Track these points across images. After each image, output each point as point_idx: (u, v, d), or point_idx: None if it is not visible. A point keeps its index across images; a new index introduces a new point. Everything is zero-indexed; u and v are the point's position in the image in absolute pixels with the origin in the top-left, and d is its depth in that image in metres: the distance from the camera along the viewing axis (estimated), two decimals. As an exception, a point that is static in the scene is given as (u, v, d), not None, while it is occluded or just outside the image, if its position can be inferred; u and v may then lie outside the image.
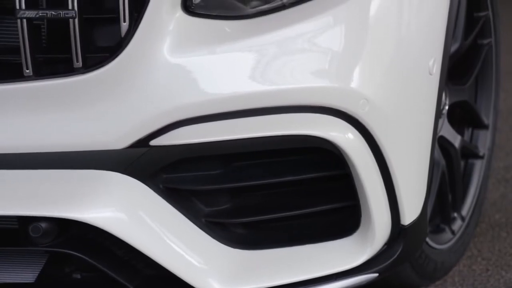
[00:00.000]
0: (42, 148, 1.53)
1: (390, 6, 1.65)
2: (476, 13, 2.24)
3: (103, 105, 1.53)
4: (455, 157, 2.16)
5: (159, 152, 1.56)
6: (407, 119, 1.70)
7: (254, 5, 1.59)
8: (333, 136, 1.59)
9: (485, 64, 2.31)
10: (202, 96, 1.54)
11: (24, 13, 1.48)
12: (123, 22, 1.51)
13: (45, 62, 1.53)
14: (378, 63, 1.63)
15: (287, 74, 1.57)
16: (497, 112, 2.39)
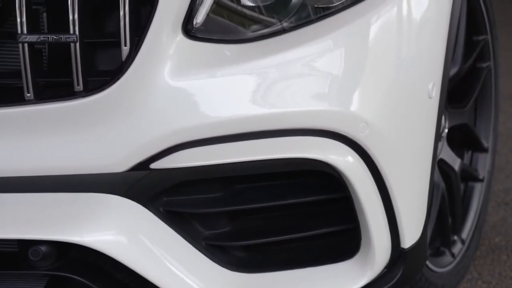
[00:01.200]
0: (42, 171, 1.53)
1: (389, 30, 1.66)
2: (475, 37, 2.25)
3: (104, 128, 1.53)
4: (455, 180, 2.16)
5: (159, 175, 1.56)
6: (406, 142, 1.70)
7: (255, 29, 1.60)
8: (333, 159, 1.59)
9: (484, 87, 2.32)
10: (203, 119, 1.54)
11: (25, 37, 1.48)
12: (124, 46, 1.51)
13: (46, 85, 1.54)
14: (378, 86, 1.63)
15: (287, 97, 1.57)
16: (496, 135, 2.40)
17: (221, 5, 1.57)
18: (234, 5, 1.58)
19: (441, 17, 1.78)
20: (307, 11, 1.61)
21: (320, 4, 1.62)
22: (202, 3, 1.55)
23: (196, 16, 1.56)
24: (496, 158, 2.44)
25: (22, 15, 1.48)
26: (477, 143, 2.34)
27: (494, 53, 2.32)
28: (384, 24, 1.66)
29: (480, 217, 2.29)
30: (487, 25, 2.27)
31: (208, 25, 1.57)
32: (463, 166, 2.23)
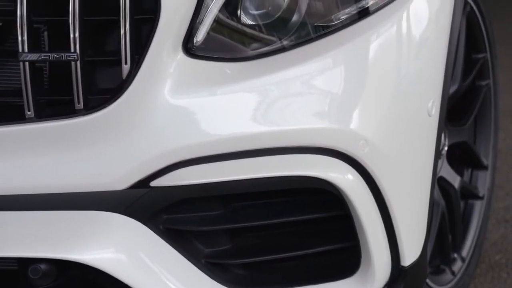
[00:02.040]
0: (42, 189, 1.53)
1: (389, 48, 1.67)
2: (474, 55, 2.26)
3: (104, 146, 1.53)
4: (454, 198, 2.16)
5: (159, 193, 1.56)
6: (406, 160, 1.70)
7: (255, 47, 1.60)
8: (332, 177, 1.60)
9: (484, 105, 2.33)
10: (203, 137, 1.55)
11: (26, 56, 1.49)
12: (125, 64, 1.52)
13: (47, 103, 1.54)
14: (377, 104, 1.64)
15: (287, 115, 1.57)
16: (496, 152, 2.40)
17: (222, 23, 1.58)
18: (234, 23, 1.59)
19: (441, 35, 1.78)
20: (307, 30, 1.62)
21: (320, 22, 1.63)
22: (202, 21, 1.56)
23: (197, 35, 1.56)
24: (496, 176, 2.44)
25: (23, 34, 1.48)
26: (477, 160, 2.34)
27: (494, 71, 2.32)
28: (383, 43, 1.66)
29: (480, 235, 2.29)
30: (487, 43, 2.27)
31: (208, 43, 1.57)
32: (463, 183, 2.23)
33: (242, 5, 1.59)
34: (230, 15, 1.58)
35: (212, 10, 1.56)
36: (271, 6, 1.60)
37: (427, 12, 1.75)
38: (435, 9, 1.77)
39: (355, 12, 1.65)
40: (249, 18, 1.60)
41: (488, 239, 2.51)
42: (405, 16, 1.70)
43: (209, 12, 1.56)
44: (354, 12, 1.65)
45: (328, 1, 1.63)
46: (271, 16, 1.61)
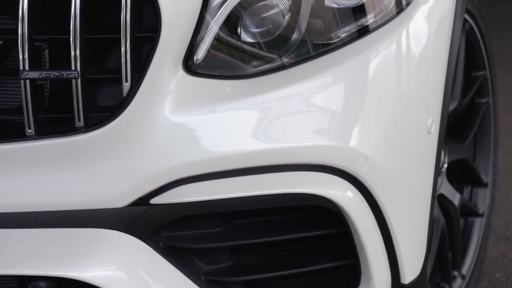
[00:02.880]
0: (42, 207, 1.53)
1: (388, 66, 1.67)
2: (473, 73, 2.27)
3: (104, 163, 1.53)
4: (454, 215, 2.16)
5: (159, 210, 1.56)
6: (406, 177, 1.71)
7: (255, 65, 1.61)
8: (332, 194, 1.60)
9: (484, 123, 2.33)
10: (203, 155, 1.55)
11: (27, 74, 1.49)
12: (125, 82, 1.52)
13: (47, 121, 1.54)
14: (377, 122, 1.64)
15: (287, 132, 1.58)
16: (496, 169, 2.41)
17: (222, 41, 1.58)
18: (235, 41, 1.59)
19: (440, 53, 1.79)
20: (307, 48, 1.62)
21: (320, 40, 1.63)
22: (203, 39, 1.56)
23: (197, 52, 1.57)
24: (495, 193, 2.44)
25: (24, 52, 1.48)
26: (477, 178, 2.34)
27: (493, 88, 2.33)
28: (383, 60, 1.67)
29: (480, 253, 2.29)
30: (486, 61, 2.28)
31: (208, 61, 1.58)
32: (463, 201, 2.23)
33: (242, 23, 1.60)
34: (230, 33, 1.59)
35: (212, 28, 1.57)
36: (271, 24, 1.61)
37: (427, 30, 1.76)
38: (434, 27, 1.78)
39: (354, 30, 1.65)
40: (249, 36, 1.60)
41: (488, 257, 2.50)
42: (404, 34, 1.71)
43: (210, 30, 1.57)
44: (353, 30, 1.65)
45: (328, 19, 1.63)
46: (271, 34, 1.61)
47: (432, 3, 1.78)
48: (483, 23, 2.23)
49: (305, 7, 1.62)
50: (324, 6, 1.63)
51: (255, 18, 1.60)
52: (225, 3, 1.57)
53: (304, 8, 1.61)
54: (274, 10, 1.60)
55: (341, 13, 1.64)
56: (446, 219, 2.13)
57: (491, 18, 2.60)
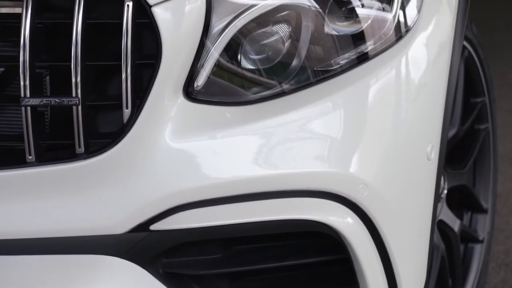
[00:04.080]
0: (43, 233, 1.53)
1: (387, 93, 1.68)
2: (473, 99, 2.27)
3: (104, 190, 1.54)
4: (454, 241, 2.16)
5: (159, 237, 1.56)
6: (406, 203, 1.71)
7: (255, 91, 1.61)
8: (332, 220, 1.60)
9: (483, 149, 2.34)
10: (203, 181, 1.55)
11: (28, 100, 1.49)
12: (126, 108, 1.53)
13: (47, 148, 1.54)
14: (377, 148, 1.64)
15: (287, 159, 1.58)
16: (495, 195, 2.41)
17: (222, 67, 1.59)
18: (235, 67, 1.60)
19: (439, 79, 1.80)
20: (306, 74, 1.63)
21: (319, 67, 1.64)
22: (203, 66, 1.57)
23: (197, 79, 1.57)
24: (495, 219, 2.44)
25: (26, 79, 1.49)
26: (477, 204, 2.34)
27: (492, 115, 2.34)
28: (382, 87, 1.67)
29: (480, 279, 2.28)
30: (485, 87, 2.29)
31: (208, 87, 1.58)
32: (462, 227, 2.23)
33: (243, 50, 1.60)
34: (231, 60, 1.60)
35: (213, 54, 1.57)
36: (271, 51, 1.62)
37: (426, 57, 1.77)
38: (433, 54, 1.79)
39: (354, 57, 1.66)
40: (249, 63, 1.61)
41: (489, 283, 2.50)
42: (403, 61, 1.72)
43: (210, 56, 1.57)
44: (353, 57, 1.66)
45: (327, 46, 1.64)
46: (271, 61, 1.62)
47: (431, 30, 1.79)
48: (482, 50, 2.24)
49: (305, 34, 1.62)
50: (323, 33, 1.64)
51: (255, 45, 1.61)
52: (225, 30, 1.57)
53: (304, 35, 1.62)
54: (274, 37, 1.61)
55: (341, 40, 1.65)
56: (446, 245, 2.13)
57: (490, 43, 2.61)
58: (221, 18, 1.57)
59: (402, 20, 1.71)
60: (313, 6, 1.62)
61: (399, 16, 1.71)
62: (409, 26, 1.72)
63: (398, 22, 1.70)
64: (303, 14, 1.62)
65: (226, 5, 1.57)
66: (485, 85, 2.29)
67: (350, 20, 1.66)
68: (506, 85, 4.24)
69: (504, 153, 3.31)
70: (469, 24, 2.12)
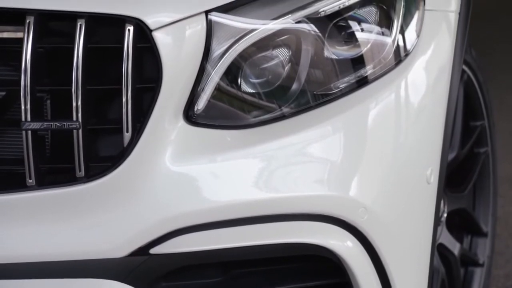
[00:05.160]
0: (43, 257, 1.52)
1: (387, 116, 1.68)
2: (472, 123, 2.28)
3: (104, 213, 1.53)
4: (454, 265, 2.15)
5: (159, 261, 1.55)
6: (406, 227, 1.71)
7: (255, 115, 1.61)
8: (332, 244, 1.60)
9: (483, 172, 2.33)
10: (203, 204, 1.55)
11: (29, 124, 1.50)
12: (126, 132, 1.53)
13: (48, 171, 1.54)
14: (376, 172, 1.65)
15: (287, 182, 1.58)
16: (495, 219, 2.40)
17: (222, 91, 1.59)
18: (235, 91, 1.61)
19: (438, 103, 1.80)
20: (306, 98, 1.63)
21: (319, 91, 1.64)
22: (203, 89, 1.58)
23: (198, 103, 1.57)
24: (496, 243, 2.44)
25: (27, 103, 1.49)
26: (477, 227, 2.34)
27: (492, 138, 2.34)
28: (382, 111, 1.68)
29: (480, 303, 2.28)
30: (484, 111, 2.29)
31: (209, 110, 1.58)
32: (462, 250, 2.23)
33: (243, 74, 1.61)
34: (231, 83, 1.60)
35: (213, 78, 1.58)
36: (271, 74, 1.62)
37: (425, 80, 1.77)
38: (432, 78, 1.80)
39: (354, 81, 1.67)
40: (249, 86, 1.62)
41: (489, 307, 2.48)
42: (403, 84, 1.72)
43: (210, 80, 1.58)
44: (353, 81, 1.66)
45: (327, 70, 1.65)
46: (271, 85, 1.62)
47: (430, 54, 1.80)
48: (481, 73, 2.25)
49: (305, 58, 1.63)
50: (323, 57, 1.64)
51: (255, 68, 1.61)
52: (226, 54, 1.58)
53: (303, 59, 1.63)
54: (274, 61, 1.62)
55: (340, 64, 1.66)
56: (446, 268, 2.12)
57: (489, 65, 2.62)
58: (222, 42, 1.58)
59: (402, 44, 1.72)
60: (312, 30, 1.63)
61: (399, 40, 1.71)
62: (408, 50, 1.73)
63: (398, 46, 1.71)
64: (303, 38, 1.62)
65: (226, 29, 1.58)
66: (484, 108, 2.29)
67: (349, 44, 1.67)
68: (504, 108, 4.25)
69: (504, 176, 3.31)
70: (468, 48, 2.12)
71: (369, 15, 1.68)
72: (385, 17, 1.70)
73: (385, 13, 1.70)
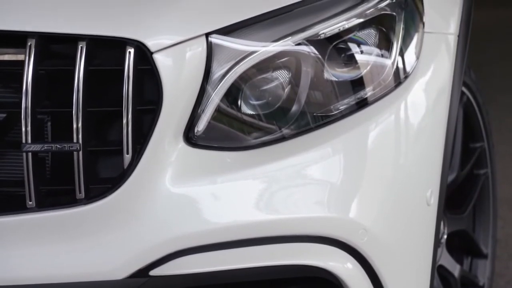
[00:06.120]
0: (43, 279, 1.52)
1: (387, 138, 1.69)
2: (472, 144, 2.28)
3: (104, 235, 1.53)
4: (454, 287, 2.15)
5: (159, 282, 1.55)
6: (406, 248, 1.70)
7: (255, 136, 1.62)
8: (332, 266, 1.59)
9: (482, 194, 2.33)
10: (203, 226, 1.55)
11: (30, 146, 1.50)
12: (126, 154, 1.53)
13: (48, 193, 1.54)
14: (376, 193, 1.65)
15: (287, 204, 1.58)
16: (495, 241, 2.40)
17: (223, 113, 1.60)
18: (235, 112, 1.61)
19: (438, 125, 1.80)
20: (306, 119, 1.64)
21: (319, 112, 1.64)
22: (204, 111, 1.58)
23: (198, 124, 1.58)
24: (496, 264, 2.43)
25: (27, 125, 1.49)
26: (477, 249, 2.34)
27: (491, 160, 2.34)
28: (382, 132, 1.68)
29: (481, 324, 2.27)
30: (484, 132, 2.30)
31: (209, 132, 1.59)
32: (462, 272, 2.22)
33: (243, 95, 1.61)
34: (231, 105, 1.60)
35: (213, 100, 1.58)
36: (271, 96, 1.62)
37: (425, 102, 1.78)
38: (432, 100, 1.80)
39: (353, 102, 1.67)
40: (249, 108, 1.62)
41: (489, 329, 2.47)
42: (403, 106, 1.72)
43: (211, 102, 1.58)
44: (352, 103, 1.67)
45: (327, 92, 1.65)
46: (271, 106, 1.63)
47: (429, 76, 1.80)
48: (480, 95, 2.25)
49: (305, 80, 1.63)
50: (323, 79, 1.65)
51: (256, 90, 1.62)
52: (226, 76, 1.58)
53: (303, 81, 1.63)
54: (274, 83, 1.62)
55: (340, 86, 1.66)
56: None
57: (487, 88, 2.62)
58: (222, 64, 1.58)
59: (401, 66, 1.72)
60: (312, 52, 1.63)
61: (398, 63, 1.72)
62: (408, 72, 1.74)
63: (397, 68, 1.72)
64: (302, 60, 1.63)
65: (226, 51, 1.58)
66: (483, 130, 2.30)
67: (349, 66, 1.67)
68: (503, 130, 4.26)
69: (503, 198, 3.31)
70: (468, 70, 2.13)
71: (368, 38, 1.69)
72: (385, 40, 1.71)
73: (384, 35, 1.71)
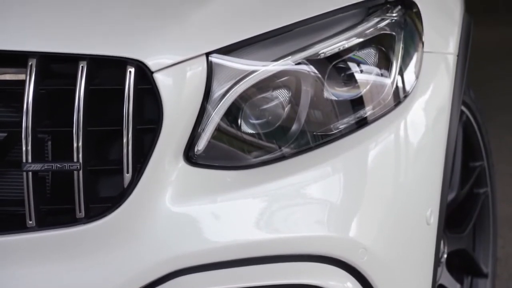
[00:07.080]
0: (42, 298, 1.52)
1: (387, 157, 1.69)
2: (471, 163, 2.28)
3: (104, 254, 1.53)
4: (455, 306, 2.15)
5: (158, 302, 1.55)
6: (405, 268, 1.70)
7: (255, 155, 1.62)
8: (332, 285, 1.59)
9: (482, 213, 2.34)
10: (203, 245, 1.55)
11: (30, 166, 1.50)
12: (126, 173, 1.53)
13: (48, 212, 1.54)
14: (376, 213, 1.65)
15: (287, 223, 1.58)
16: (495, 260, 2.40)
17: (223, 132, 1.60)
18: (235, 132, 1.61)
19: (438, 144, 1.81)
20: (306, 139, 1.64)
21: (319, 131, 1.65)
22: (204, 130, 1.58)
23: (198, 143, 1.58)
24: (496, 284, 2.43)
25: (28, 144, 1.49)
26: (477, 268, 2.33)
27: (491, 179, 2.34)
28: (381, 151, 1.68)
29: None
30: (483, 151, 2.30)
31: (209, 151, 1.59)
32: (463, 291, 2.22)
33: (243, 114, 1.62)
34: (231, 124, 1.61)
35: (214, 119, 1.58)
36: (271, 115, 1.63)
37: (424, 121, 1.78)
38: (431, 119, 1.80)
39: (353, 122, 1.67)
40: (249, 127, 1.62)
41: None
42: (402, 125, 1.73)
43: (211, 121, 1.58)
44: (352, 122, 1.67)
45: (327, 111, 1.65)
46: (271, 125, 1.63)
47: (429, 95, 1.81)
48: (479, 114, 2.26)
49: (305, 99, 1.64)
50: (323, 98, 1.65)
51: (256, 109, 1.62)
52: (226, 95, 1.59)
53: (303, 100, 1.64)
54: (274, 102, 1.63)
55: (340, 105, 1.66)
56: (447, 310, 2.12)
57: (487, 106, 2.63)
58: (222, 83, 1.59)
59: (401, 85, 1.73)
60: (312, 71, 1.64)
61: (398, 82, 1.72)
62: (407, 91, 1.74)
63: (397, 88, 1.72)
64: (302, 79, 1.63)
65: (226, 71, 1.59)
66: (483, 149, 2.30)
67: (349, 85, 1.68)
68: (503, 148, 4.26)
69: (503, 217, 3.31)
70: (467, 89, 2.14)
71: (368, 57, 1.70)
72: (384, 59, 1.71)
73: (384, 55, 1.71)
